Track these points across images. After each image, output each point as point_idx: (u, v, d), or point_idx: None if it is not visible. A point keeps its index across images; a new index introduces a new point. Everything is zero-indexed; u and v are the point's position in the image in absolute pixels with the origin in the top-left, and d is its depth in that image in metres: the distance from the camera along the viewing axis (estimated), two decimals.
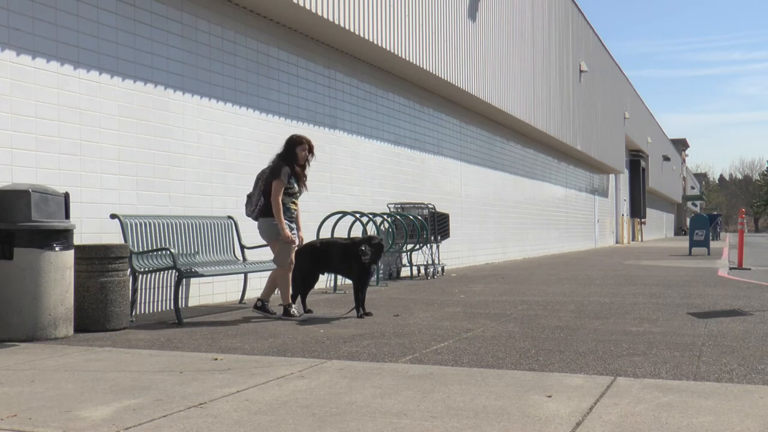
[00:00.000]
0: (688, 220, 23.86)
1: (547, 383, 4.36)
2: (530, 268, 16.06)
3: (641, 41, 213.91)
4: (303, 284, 7.81)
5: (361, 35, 11.11)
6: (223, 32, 9.34)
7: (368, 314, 7.63)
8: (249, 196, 7.77)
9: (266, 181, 7.55)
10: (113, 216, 7.43)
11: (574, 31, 24.94)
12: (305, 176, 7.74)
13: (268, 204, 7.48)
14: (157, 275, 8.16)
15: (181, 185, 8.68)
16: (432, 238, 13.12)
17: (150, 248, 7.65)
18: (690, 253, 23.13)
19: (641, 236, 45.17)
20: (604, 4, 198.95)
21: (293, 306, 7.59)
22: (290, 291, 7.63)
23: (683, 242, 34.62)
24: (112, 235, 7.55)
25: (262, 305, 7.75)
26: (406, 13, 12.61)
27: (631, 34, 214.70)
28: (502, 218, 19.66)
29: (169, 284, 8.30)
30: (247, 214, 7.79)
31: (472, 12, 15.71)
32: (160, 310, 8.23)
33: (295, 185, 7.61)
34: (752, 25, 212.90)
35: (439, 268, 13.70)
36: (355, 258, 7.48)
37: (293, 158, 7.58)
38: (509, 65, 18.04)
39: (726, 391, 4.15)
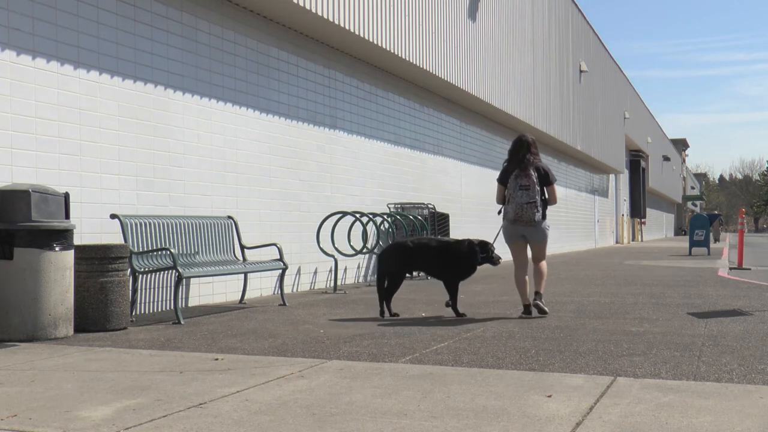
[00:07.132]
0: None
1: (547, 383, 4.36)
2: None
3: (641, 41, 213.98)
4: (391, 285, 7.71)
5: (361, 35, 11.11)
6: (223, 32, 9.34)
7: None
8: (527, 199, 7.81)
9: (544, 185, 7.89)
10: (113, 216, 7.43)
11: (574, 31, 24.93)
12: None
13: (546, 207, 7.83)
14: (157, 275, 8.17)
15: (181, 185, 8.68)
16: None
17: (150, 248, 7.65)
18: (690, 253, 23.13)
19: (641, 236, 45.17)
20: (604, 4, 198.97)
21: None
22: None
23: (683, 242, 34.61)
24: (112, 235, 7.55)
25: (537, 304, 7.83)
26: (406, 13, 12.61)
27: (631, 34, 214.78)
28: (501, 218, 19.62)
29: (169, 284, 8.30)
30: (529, 218, 7.87)
31: (472, 12, 15.71)
32: (160, 310, 8.24)
33: None
34: (756, 26, 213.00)
35: None
36: (451, 260, 7.86)
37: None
38: (509, 65, 18.03)
39: (726, 391, 4.15)
